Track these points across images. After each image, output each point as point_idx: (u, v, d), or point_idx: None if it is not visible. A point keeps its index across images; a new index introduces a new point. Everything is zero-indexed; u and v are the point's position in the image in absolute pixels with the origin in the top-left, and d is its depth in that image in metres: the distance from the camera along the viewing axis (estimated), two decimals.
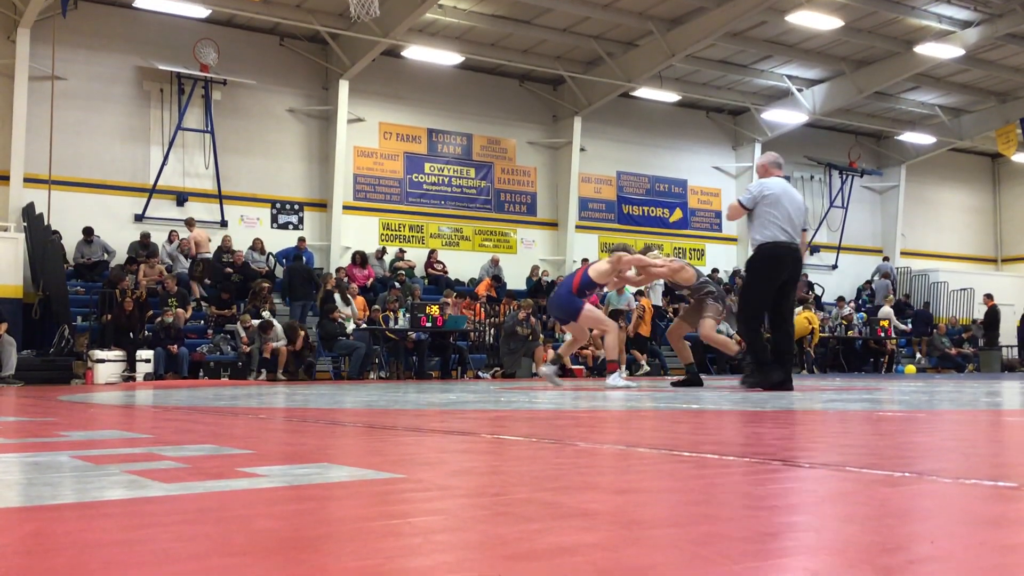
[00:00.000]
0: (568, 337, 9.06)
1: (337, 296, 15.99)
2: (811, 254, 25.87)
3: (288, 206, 19.19)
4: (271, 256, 18.26)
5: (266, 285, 16.02)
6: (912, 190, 27.06)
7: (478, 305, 17.90)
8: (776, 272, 7.24)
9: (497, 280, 19.37)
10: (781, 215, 7.16)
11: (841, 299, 22.77)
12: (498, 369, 16.08)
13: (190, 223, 17.36)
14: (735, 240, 24.82)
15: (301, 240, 18.06)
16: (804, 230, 7.49)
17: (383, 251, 19.35)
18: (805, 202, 7.74)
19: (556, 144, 22.11)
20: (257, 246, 17.93)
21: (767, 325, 7.59)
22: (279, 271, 18.17)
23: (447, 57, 19.77)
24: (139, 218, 17.50)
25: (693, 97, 22.97)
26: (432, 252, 20.07)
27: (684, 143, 24.08)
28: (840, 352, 20.29)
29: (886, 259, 25.03)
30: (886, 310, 21.81)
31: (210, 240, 17.54)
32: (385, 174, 20.27)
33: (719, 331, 9.29)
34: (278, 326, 14.83)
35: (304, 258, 17.40)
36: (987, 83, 23.84)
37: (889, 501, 1.57)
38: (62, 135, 16.70)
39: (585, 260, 21.25)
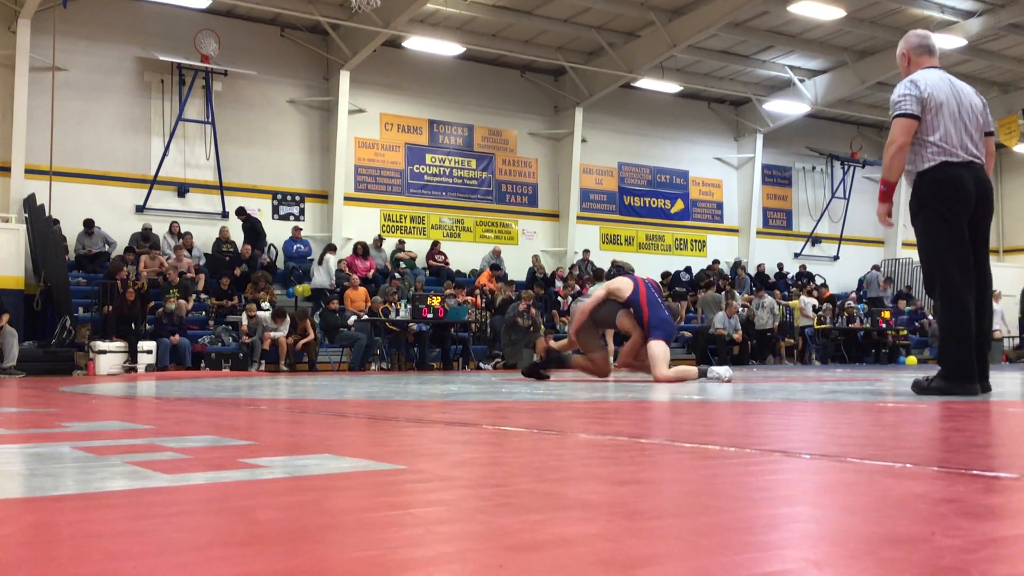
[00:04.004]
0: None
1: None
2: (812, 245, 25.85)
3: (289, 197, 19.18)
4: (272, 247, 18.27)
5: (272, 280, 16.13)
6: None
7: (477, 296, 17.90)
8: (958, 204, 4.85)
9: (497, 270, 19.36)
10: (951, 123, 4.91)
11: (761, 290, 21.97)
12: (499, 360, 16.09)
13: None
14: (736, 231, 24.81)
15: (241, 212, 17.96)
16: (990, 133, 5.13)
17: (380, 240, 19.35)
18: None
19: (557, 135, 22.08)
20: None
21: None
22: (280, 262, 18.25)
23: (448, 48, 19.73)
24: (140, 209, 17.50)
25: (695, 88, 22.92)
26: (435, 244, 20.06)
27: (685, 134, 24.05)
28: (842, 343, 20.30)
29: (876, 268, 25.04)
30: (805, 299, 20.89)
31: (196, 265, 17.17)
32: (386, 165, 20.26)
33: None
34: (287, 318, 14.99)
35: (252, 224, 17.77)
36: (989, 73, 23.78)
37: (890, 492, 1.57)
38: (63, 126, 16.69)
39: (587, 251, 21.31)
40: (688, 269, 22.41)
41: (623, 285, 8.01)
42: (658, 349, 7.54)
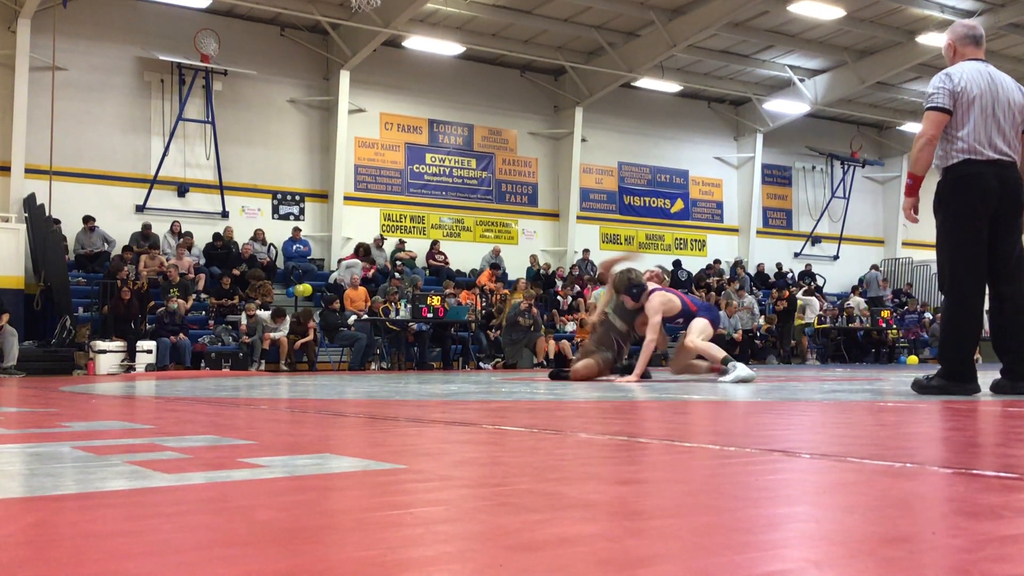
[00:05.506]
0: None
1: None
2: (812, 244, 25.85)
3: (289, 197, 19.18)
4: (272, 247, 18.28)
5: (263, 277, 16.12)
6: None
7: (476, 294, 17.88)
8: (977, 203, 4.73)
9: (497, 269, 19.34)
10: (980, 120, 4.84)
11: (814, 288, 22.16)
12: (500, 360, 16.08)
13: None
14: (736, 231, 24.80)
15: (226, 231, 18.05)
16: None
17: (382, 240, 19.34)
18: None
19: (557, 135, 22.08)
20: (258, 237, 17.98)
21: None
22: (280, 261, 18.25)
23: (448, 47, 19.73)
24: (140, 209, 17.49)
25: (694, 87, 22.92)
26: (434, 243, 20.06)
27: (685, 133, 24.05)
28: (842, 343, 20.30)
29: (875, 268, 25.15)
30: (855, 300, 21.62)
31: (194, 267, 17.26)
32: (386, 165, 20.25)
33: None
34: (286, 317, 14.99)
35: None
36: None
37: (890, 491, 1.57)
38: (63, 126, 16.68)
39: (587, 251, 21.30)
40: (677, 263, 22.04)
41: (672, 301, 7.94)
42: (697, 324, 7.78)
